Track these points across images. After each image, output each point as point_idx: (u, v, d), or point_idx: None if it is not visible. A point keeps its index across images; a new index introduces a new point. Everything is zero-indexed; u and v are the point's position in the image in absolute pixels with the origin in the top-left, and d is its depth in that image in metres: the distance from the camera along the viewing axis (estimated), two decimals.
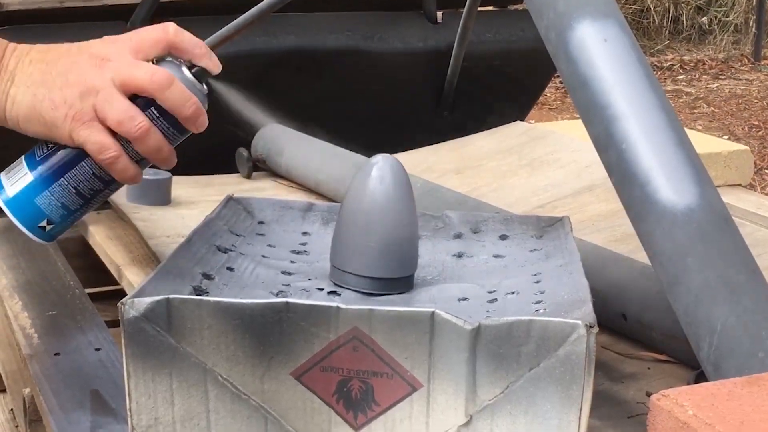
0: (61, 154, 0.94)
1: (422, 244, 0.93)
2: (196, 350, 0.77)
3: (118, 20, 1.80)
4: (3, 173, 0.96)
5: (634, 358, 1.02)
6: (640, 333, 1.05)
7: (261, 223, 1.01)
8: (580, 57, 0.86)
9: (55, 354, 1.05)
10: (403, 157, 1.74)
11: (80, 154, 0.93)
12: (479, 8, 1.84)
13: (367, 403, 0.76)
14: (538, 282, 0.87)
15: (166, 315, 0.76)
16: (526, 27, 2.05)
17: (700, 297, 0.77)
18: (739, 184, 1.77)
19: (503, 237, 1.00)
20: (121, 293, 1.24)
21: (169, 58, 0.94)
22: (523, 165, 1.73)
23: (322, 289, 0.87)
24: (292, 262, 0.94)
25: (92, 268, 1.42)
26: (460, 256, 0.97)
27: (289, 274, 0.91)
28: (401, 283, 0.87)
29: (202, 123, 0.94)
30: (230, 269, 0.89)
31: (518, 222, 1.01)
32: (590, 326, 0.71)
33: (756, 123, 5.14)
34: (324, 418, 0.77)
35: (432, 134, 1.97)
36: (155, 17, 1.79)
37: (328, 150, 1.64)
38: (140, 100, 0.91)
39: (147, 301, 0.76)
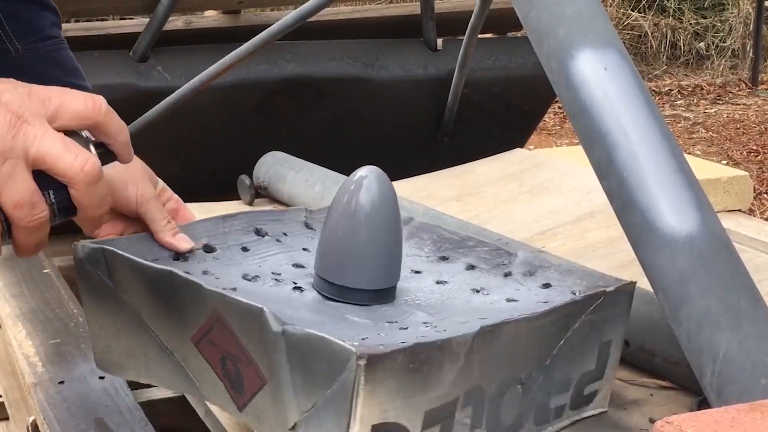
0: None
1: (464, 273, 0.94)
2: (129, 299, 0.81)
3: (120, 49, 1.81)
4: None
5: (637, 384, 1.02)
6: (642, 359, 1.05)
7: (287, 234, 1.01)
8: (581, 85, 0.87)
9: (60, 382, 1.05)
10: (403, 184, 1.75)
11: None
12: (479, 35, 1.85)
13: (241, 386, 0.75)
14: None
15: (104, 263, 0.81)
16: (526, 54, 2.06)
17: (702, 323, 0.78)
18: (739, 210, 1.78)
19: (546, 285, 0.93)
20: None
21: (82, 132, 0.77)
22: (523, 192, 1.74)
23: (296, 284, 0.87)
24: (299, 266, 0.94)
25: None
26: (478, 291, 0.92)
27: (302, 266, 0.92)
28: (364, 294, 0.85)
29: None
30: (245, 249, 0.91)
31: (579, 274, 0.93)
32: (361, 357, 0.66)
33: (754, 147, 5.15)
34: (223, 389, 0.77)
35: (432, 160, 1.97)
36: (157, 46, 1.80)
37: (330, 177, 1.65)
38: (44, 177, 0.73)
39: (89, 246, 0.82)
